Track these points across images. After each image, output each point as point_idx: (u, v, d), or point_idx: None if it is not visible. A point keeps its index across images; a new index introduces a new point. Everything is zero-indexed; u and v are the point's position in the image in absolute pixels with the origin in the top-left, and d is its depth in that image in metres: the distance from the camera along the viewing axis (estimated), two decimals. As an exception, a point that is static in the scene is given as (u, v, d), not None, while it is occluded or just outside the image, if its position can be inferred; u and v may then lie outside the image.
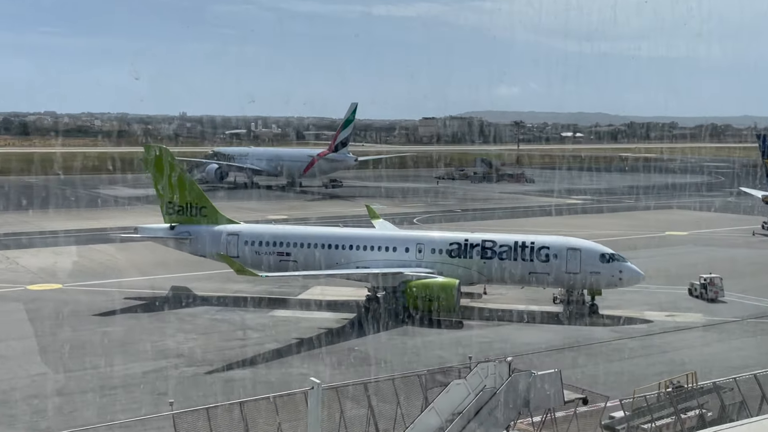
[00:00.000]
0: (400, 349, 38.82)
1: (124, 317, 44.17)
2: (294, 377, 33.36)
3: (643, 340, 41.15)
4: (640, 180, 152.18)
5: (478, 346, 38.86)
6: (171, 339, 39.83)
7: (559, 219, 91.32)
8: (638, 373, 34.51)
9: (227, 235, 49.75)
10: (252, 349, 38.06)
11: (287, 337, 40.31)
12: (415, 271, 45.09)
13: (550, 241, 46.55)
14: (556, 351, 38.65)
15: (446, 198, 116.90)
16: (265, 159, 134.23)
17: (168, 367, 35.22)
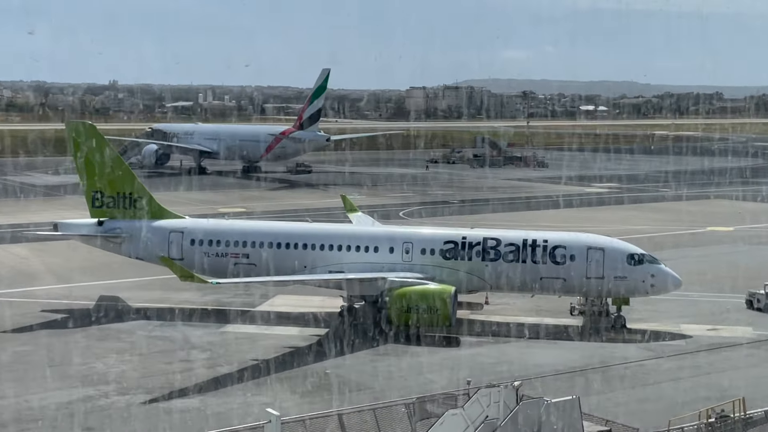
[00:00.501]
0: (384, 371, 38.82)
1: (40, 334, 43.73)
2: (251, 408, 33.23)
3: (680, 359, 41.41)
4: (675, 164, 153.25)
5: (478, 367, 38.92)
6: (99, 361, 39.53)
7: (578, 212, 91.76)
8: (674, 400, 34.73)
9: (169, 233, 49.50)
10: (199, 373, 37.88)
11: (243, 358, 40.18)
12: (402, 277, 45.10)
13: (567, 239, 46.70)
14: (573, 373, 38.79)
15: (440, 186, 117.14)
16: (216, 138, 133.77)
17: (95, 396, 34.99)
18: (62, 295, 51.54)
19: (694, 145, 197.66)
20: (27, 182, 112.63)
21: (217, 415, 32.69)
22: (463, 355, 41.48)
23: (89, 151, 50.44)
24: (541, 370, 38.91)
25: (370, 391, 35.70)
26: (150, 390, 35.69)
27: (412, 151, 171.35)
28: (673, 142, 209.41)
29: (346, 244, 47.80)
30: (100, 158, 50.43)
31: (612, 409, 32.64)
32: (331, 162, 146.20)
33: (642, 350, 42.68)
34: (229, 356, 40.45)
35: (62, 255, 61.98)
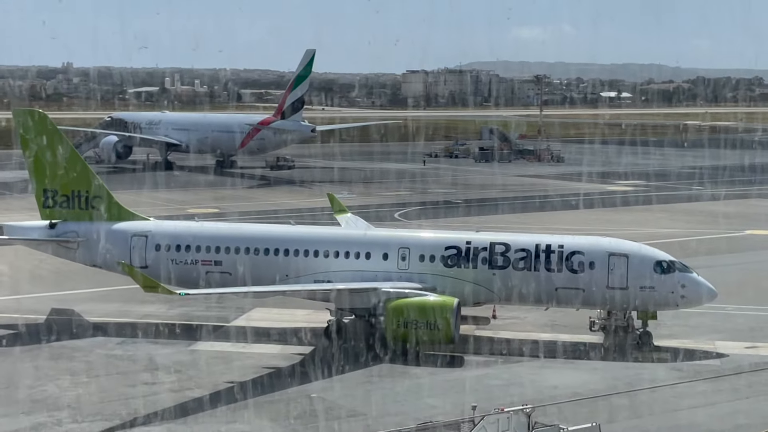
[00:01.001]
0: (378, 395, 38.83)
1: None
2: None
3: (715, 382, 41.48)
4: (710, 158, 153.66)
5: (485, 391, 38.93)
6: (52, 383, 39.48)
7: (598, 213, 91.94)
8: (710, 428, 34.78)
9: (131, 237, 49.45)
10: (166, 398, 37.81)
11: (216, 380, 40.16)
12: (397, 287, 45.10)
13: (585, 244, 46.76)
14: (593, 397, 38.82)
15: (441, 184, 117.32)
16: (184, 129, 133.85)
17: (48, 424, 34.94)
18: (8, 308, 51.41)
19: (732, 136, 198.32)
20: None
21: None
22: (468, 376, 41.46)
23: (40, 143, 50.34)
24: (557, 393, 38.90)
25: (363, 419, 35.69)
26: (109, 417, 35.62)
27: (410, 143, 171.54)
28: (708, 133, 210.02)
29: (334, 249, 47.78)
30: (52, 152, 50.33)
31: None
32: (316, 156, 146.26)
33: (672, 371, 42.72)
34: (200, 378, 40.39)
35: (8, 262, 61.81)
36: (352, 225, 57.52)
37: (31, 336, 46.44)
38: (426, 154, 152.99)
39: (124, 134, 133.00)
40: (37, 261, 58.72)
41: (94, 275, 52.81)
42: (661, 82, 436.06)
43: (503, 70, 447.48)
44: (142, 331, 47.34)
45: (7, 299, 53.49)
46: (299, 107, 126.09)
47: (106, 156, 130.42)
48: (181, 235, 49.60)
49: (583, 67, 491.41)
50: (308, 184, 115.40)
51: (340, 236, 51.18)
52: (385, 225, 73.93)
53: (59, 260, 52.93)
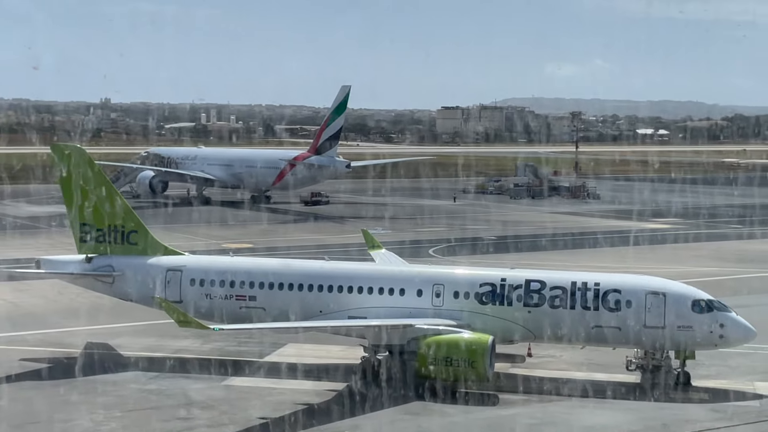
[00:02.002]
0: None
1: (18, 387, 43.91)
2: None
3: (755, 424, 40.90)
4: (749, 196, 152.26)
5: (519, 430, 38.68)
6: (85, 418, 39.58)
7: (635, 251, 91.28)
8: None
9: (166, 272, 49.77)
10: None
11: (249, 416, 40.12)
12: (432, 323, 45.00)
13: (622, 282, 46.46)
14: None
15: (476, 220, 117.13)
16: (220, 164, 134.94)
17: (80, 458, 35.06)
18: (44, 342, 51.80)
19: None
20: (7, 212, 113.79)
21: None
22: (502, 415, 41.17)
23: (77, 177, 50.91)
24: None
25: (395, 456, 35.55)
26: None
27: (444, 179, 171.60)
28: (747, 171, 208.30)
29: (368, 285, 47.81)
30: (89, 186, 50.89)
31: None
32: (351, 191, 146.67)
33: (710, 412, 42.15)
34: (234, 414, 40.38)
35: (45, 296, 62.36)
36: (387, 261, 57.52)
37: (65, 370, 46.73)
38: (460, 191, 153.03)
39: (160, 169, 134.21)
40: (73, 295, 59.21)
41: (130, 309, 53.14)
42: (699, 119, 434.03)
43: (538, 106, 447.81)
44: (176, 365, 47.48)
45: (44, 333, 53.87)
46: (334, 143, 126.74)
47: (142, 191, 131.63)
48: (215, 270, 49.83)
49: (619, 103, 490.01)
50: (342, 219, 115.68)
51: (375, 272, 51.18)
52: (420, 261, 73.82)
53: (95, 294, 53.33)
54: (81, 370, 46.56)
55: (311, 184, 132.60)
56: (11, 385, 44.19)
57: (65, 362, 47.90)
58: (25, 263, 58.50)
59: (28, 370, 46.44)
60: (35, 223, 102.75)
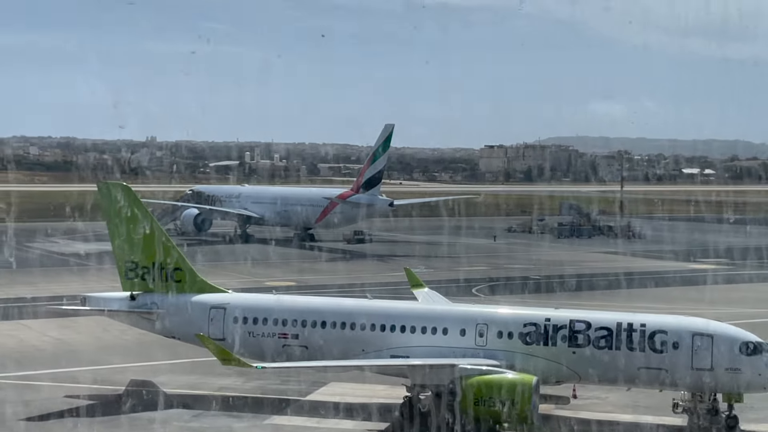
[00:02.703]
0: (453, 475, 38.31)
1: (63, 424, 44.26)
2: None
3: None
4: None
5: (564, 473, 38.19)
6: (128, 455, 39.81)
7: (681, 291, 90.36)
8: None
9: (210, 309, 49.98)
10: (241, 472, 37.88)
11: (291, 455, 40.03)
12: (475, 363, 44.69)
13: (669, 323, 45.91)
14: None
15: (519, 259, 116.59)
16: (263, 202, 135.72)
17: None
18: (89, 379, 52.11)
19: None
20: (54, 250, 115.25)
21: None
22: (547, 457, 40.76)
23: (123, 215, 51.39)
24: (639, 477, 38.00)
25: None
26: (184, 490, 35.70)
27: (488, 218, 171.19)
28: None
29: (411, 324, 47.64)
30: (134, 224, 51.33)
31: None
32: (394, 230, 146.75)
33: (760, 457, 41.44)
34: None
35: (90, 332, 62.93)
36: (430, 300, 57.35)
37: (109, 407, 46.99)
38: (504, 229, 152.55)
39: (205, 207, 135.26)
40: (118, 332, 59.64)
41: (173, 347, 53.32)
42: (746, 158, 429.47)
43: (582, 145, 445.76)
44: (219, 403, 47.55)
45: (88, 369, 54.24)
46: (377, 181, 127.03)
47: (187, 228, 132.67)
48: (258, 308, 49.93)
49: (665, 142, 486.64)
50: (385, 258, 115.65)
51: (418, 311, 51.04)
52: (463, 300, 73.51)
53: (140, 331, 53.62)
54: (124, 408, 46.78)
55: (354, 223, 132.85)
56: (55, 422, 44.53)
57: (109, 399, 48.19)
58: (71, 300, 59.15)
59: (72, 407, 46.80)
60: (81, 260, 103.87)
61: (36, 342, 61.73)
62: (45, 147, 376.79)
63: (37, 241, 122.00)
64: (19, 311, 69.65)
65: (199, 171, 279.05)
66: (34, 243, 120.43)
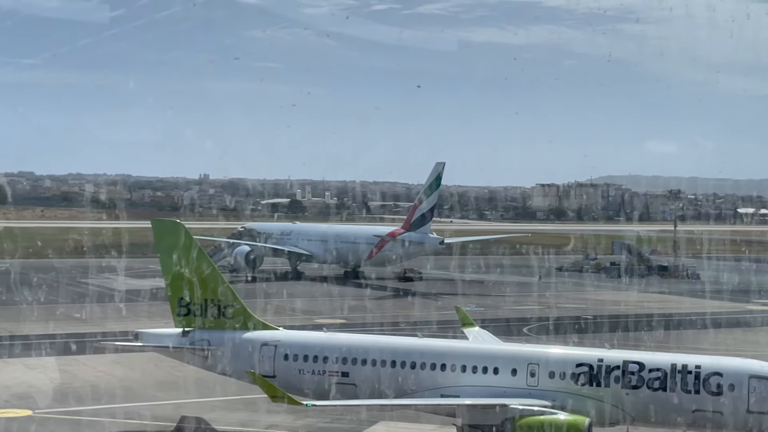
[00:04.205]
0: None
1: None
2: None
3: None
4: None
5: None
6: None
7: (736, 333, 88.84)
8: None
9: (261, 346, 50.07)
10: None
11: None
12: (526, 404, 44.23)
13: (724, 365, 45.09)
14: None
15: (571, 299, 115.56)
16: (314, 239, 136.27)
17: None
18: (140, 415, 52.43)
19: None
20: (108, 285, 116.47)
21: None
22: (599, 500, 40.08)
23: (176, 252, 51.77)
24: None
25: None
26: None
27: (539, 257, 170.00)
28: None
29: (461, 363, 47.30)
30: (187, 260, 51.64)
31: None
32: (444, 268, 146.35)
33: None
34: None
35: (142, 368, 63.32)
36: (480, 339, 56.92)
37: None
38: (556, 268, 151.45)
39: (256, 244, 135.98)
40: (169, 368, 59.96)
41: (224, 383, 53.37)
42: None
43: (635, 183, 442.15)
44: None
45: (140, 405, 54.56)
46: (428, 219, 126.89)
47: (238, 265, 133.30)
48: (308, 345, 49.89)
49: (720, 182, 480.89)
50: (435, 296, 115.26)
51: (468, 350, 50.67)
52: (514, 340, 72.92)
53: (191, 368, 53.78)
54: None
55: (404, 260, 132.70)
56: (107, 456, 44.75)
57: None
58: (124, 336, 59.64)
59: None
60: (135, 296, 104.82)
61: (88, 377, 62.25)
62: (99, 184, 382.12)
63: (91, 277, 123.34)
64: (69, 347, 70.34)
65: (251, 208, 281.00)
66: (87, 279, 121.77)
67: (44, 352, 69.62)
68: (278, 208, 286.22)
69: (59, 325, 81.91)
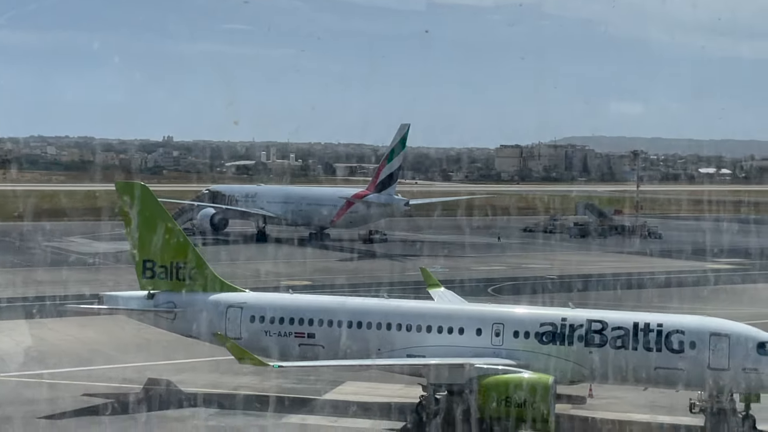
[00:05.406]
0: (469, 474, 38.26)
1: (80, 422, 44.46)
2: None
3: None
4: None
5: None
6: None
7: (698, 291, 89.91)
8: None
9: (227, 308, 50.09)
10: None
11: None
12: (491, 363, 44.68)
13: (686, 323, 45.76)
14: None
15: (535, 259, 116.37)
16: (280, 201, 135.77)
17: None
18: (106, 377, 52.37)
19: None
20: (71, 249, 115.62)
21: None
22: (563, 457, 40.68)
23: (140, 215, 51.55)
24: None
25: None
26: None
27: (503, 218, 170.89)
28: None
29: (427, 324, 47.64)
30: (152, 223, 51.51)
31: None
32: (409, 229, 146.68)
33: (777, 457, 41.23)
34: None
35: (108, 331, 63.09)
36: (445, 300, 57.28)
37: (127, 405, 47.09)
38: (521, 229, 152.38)
39: (221, 207, 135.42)
40: (135, 331, 59.82)
41: (191, 346, 53.49)
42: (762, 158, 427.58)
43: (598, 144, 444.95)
44: (236, 402, 47.68)
45: (105, 368, 54.46)
46: (393, 181, 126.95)
47: (203, 227, 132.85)
48: (275, 307, 49.99)
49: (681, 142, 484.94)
50: (401, 257, 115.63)
51: (434, 311, 51.01)
52: (479, 300, 73.45)
53: (157, 330, 53.74)
54: (142, 406, 46.92)
55: (370, 222, 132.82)
56: (73, 420, 44.72)
57: (127, 398, 48.30)
58: (89, 299, 59.43)
59: (89, 406, 46.97)
60: (99, 259, 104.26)
61: (54, 341, 61.98)
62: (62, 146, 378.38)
63: (53, 241, 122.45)
64: (38, 310, 69.96)
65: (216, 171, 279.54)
66: (50, 242, 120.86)
67: (9, 315, 69.19)
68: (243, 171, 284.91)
69: (23, 289, 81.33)
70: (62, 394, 48.51)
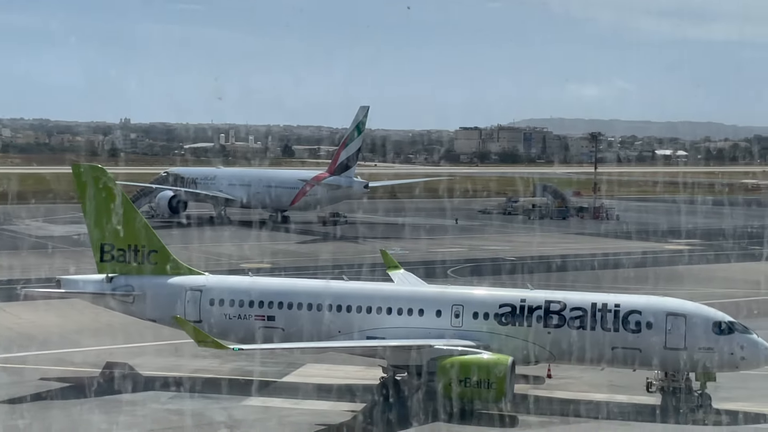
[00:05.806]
0: (429, 455, 38.46)
1: (37, 406, 44.05)
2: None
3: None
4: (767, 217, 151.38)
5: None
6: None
7: (654, 272, 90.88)
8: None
9: (186, 291, 49.87)
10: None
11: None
12: (451, 344, 44.89)
13: (642, 304, 46.28)
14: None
15: (495, 240, 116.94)
16: (238, 184, 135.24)
17: (99, 478, 35.06)
18: (64, 361, 51.95)
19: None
20: (27, 232, 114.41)
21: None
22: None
23: (98, 197, 51.11)
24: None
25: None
26: (161, 471, 35.68)
27: (463, 200, 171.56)
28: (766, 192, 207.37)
29: (387, 305, 47.76)
30: (109, 206, 51.06)
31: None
32: (369, 211, 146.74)
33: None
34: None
35: (65, 315, 62.57)
36: (405, 281, 57.44)
37: (85, 389, 46.80)
38: (479, 211, 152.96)
39: (180, 189, 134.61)
40: (93, 314, 59.38)
41: (149, 329, 53.28)
42: (718, 140, 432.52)
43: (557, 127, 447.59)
44: (195, 385, 47.49)
45: (64, 351, 54.05)
46: (352, 163, 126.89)
47: (161, 210, 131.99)
48: (234, 290, 49.92)
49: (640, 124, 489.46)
50: (361, 239, 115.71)
51: (394, 292, 51.09)
52: (438, 282, 73.73)
53: (115, 314, 53.43)
54: (100, 390, 46.67)
55: (329, 204, 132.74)
56: (30, 404, 44.31)
57: (84, 382, 47.97)
58: (46, 283, 58.83)
59: (47, 389, 46.57)
60: (56, 242, 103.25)
61: (10, 325, 61.39)
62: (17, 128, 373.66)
63: (9, 224, 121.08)
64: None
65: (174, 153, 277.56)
66: (6, 226, 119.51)
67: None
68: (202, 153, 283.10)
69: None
70: (18, 378, 48.08)
